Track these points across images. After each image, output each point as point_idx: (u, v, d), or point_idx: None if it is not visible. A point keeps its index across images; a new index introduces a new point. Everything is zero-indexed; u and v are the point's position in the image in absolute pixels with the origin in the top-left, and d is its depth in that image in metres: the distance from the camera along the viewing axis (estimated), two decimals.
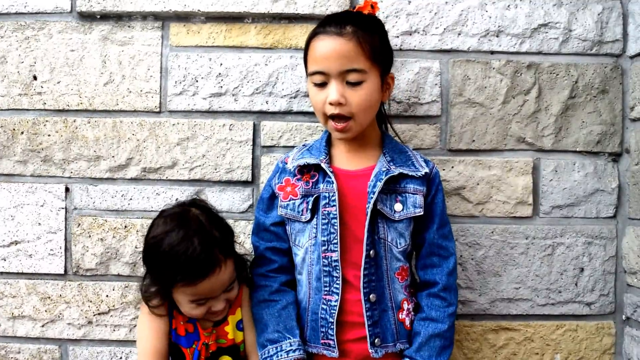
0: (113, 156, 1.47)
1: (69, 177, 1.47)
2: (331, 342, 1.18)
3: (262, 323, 1.22)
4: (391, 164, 1.21)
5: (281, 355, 1.17)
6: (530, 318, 1.49)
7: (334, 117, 1.19)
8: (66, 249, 1.47)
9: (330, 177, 1.20)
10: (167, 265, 1.13)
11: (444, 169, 1.46)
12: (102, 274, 1.47)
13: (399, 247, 1.21)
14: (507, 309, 1.48)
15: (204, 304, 1.18)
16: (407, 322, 1.22)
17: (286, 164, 1.28)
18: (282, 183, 1.26)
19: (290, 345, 1.18)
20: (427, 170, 1.24)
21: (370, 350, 1.18)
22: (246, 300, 1.28)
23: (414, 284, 1.29)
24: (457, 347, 1.47)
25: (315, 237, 1.20)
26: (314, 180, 1.23)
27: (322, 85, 1.18)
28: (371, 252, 1.18)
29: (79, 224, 1.47)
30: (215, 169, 1.47)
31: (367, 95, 1.17)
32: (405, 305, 1.23)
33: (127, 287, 1.46)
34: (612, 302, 1.49)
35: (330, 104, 1.17)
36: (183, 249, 1.12)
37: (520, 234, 1.48)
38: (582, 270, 1.49)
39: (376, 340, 1.18)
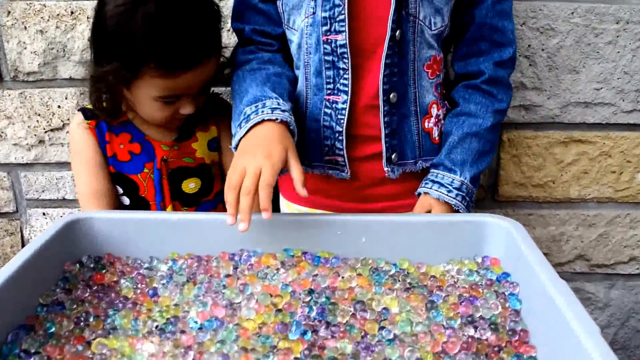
0: None
1: None
2: (339, 158, 0.89)
3: (241, 92, 0.87)
4: None
5: (263, 112, 0.79)
6: (610, 128, 1.16)
7: None
8: None
9: None
10: (140, 44, 0.80)
11: None
12: (50, 79, 1.12)
13: (432, 28, 0.87)
14: (582, 116, 1.15)
15: (173, 104, 0.88)
16: (435, 134, 0.91)
17: None
18: None
19: (278, 105, 0.81)
20: None
21: (385, 169, 0.89)
22: (226, 122, 0.97)
23: (446, 83, 0.95)
24: (515, 164, 1.17)
25: (314, 13, 0.85)
26: None
27: None
28: (397, 33, 0.83)
29: (9, 12, 1.08)
30: None
31: None
32: (435, 111, 0.90)
33: (83, 93, 1.11)
34: None
35: None
36: (167, 25, 0.80)
37: (609, 16, 1.09)
38: None
39: (393, 156, 0.89)
